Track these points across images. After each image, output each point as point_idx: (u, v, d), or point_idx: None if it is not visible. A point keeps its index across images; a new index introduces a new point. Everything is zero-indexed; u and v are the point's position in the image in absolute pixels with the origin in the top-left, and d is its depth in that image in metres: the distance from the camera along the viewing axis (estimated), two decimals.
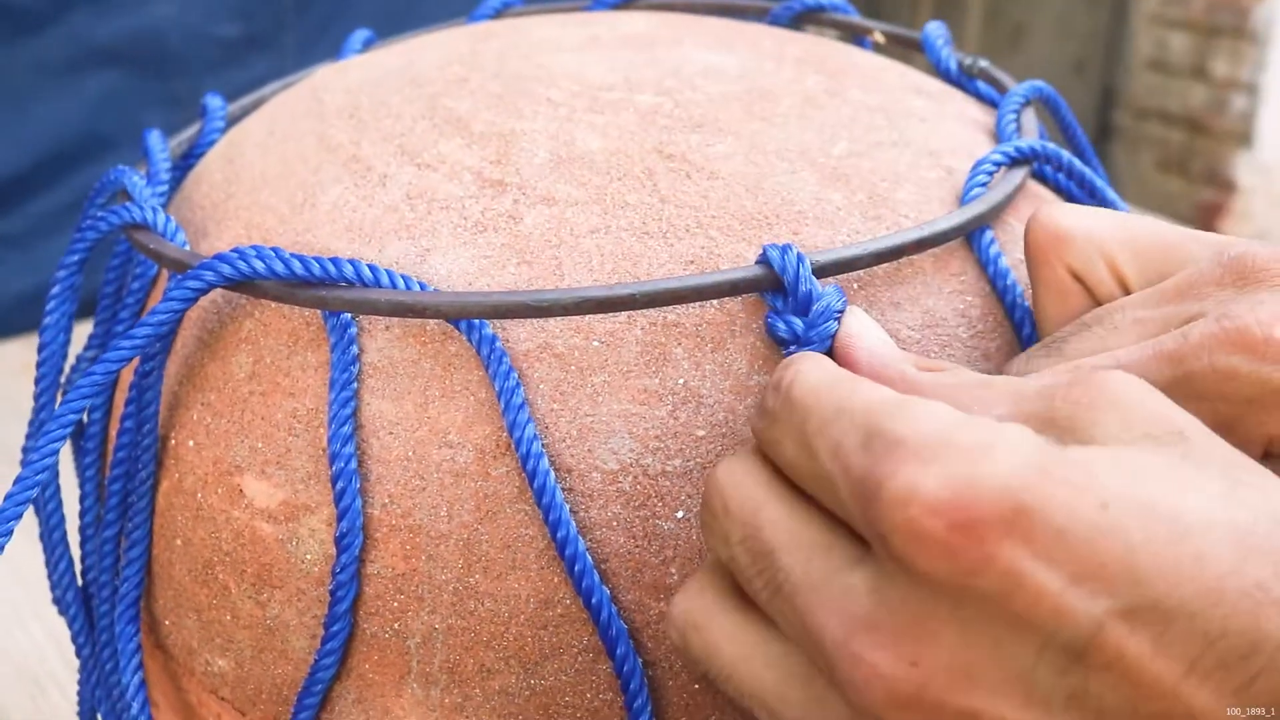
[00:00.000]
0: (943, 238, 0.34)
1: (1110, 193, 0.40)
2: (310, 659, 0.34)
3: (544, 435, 0.32)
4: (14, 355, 0.90)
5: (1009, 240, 0.37)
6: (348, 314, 0.34)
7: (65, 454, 0.41)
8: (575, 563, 0.32)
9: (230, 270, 0.33)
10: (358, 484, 0.33)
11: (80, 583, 0.41)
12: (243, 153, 0.42)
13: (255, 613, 0.35)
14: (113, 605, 0.38)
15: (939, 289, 0.35)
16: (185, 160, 0.45)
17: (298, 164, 0.39)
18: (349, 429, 0.33)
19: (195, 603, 0.36)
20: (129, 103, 1.03)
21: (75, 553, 0.41)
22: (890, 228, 0.35)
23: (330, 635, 0.33)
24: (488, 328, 0.32)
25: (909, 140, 0.38)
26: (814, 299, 0.32)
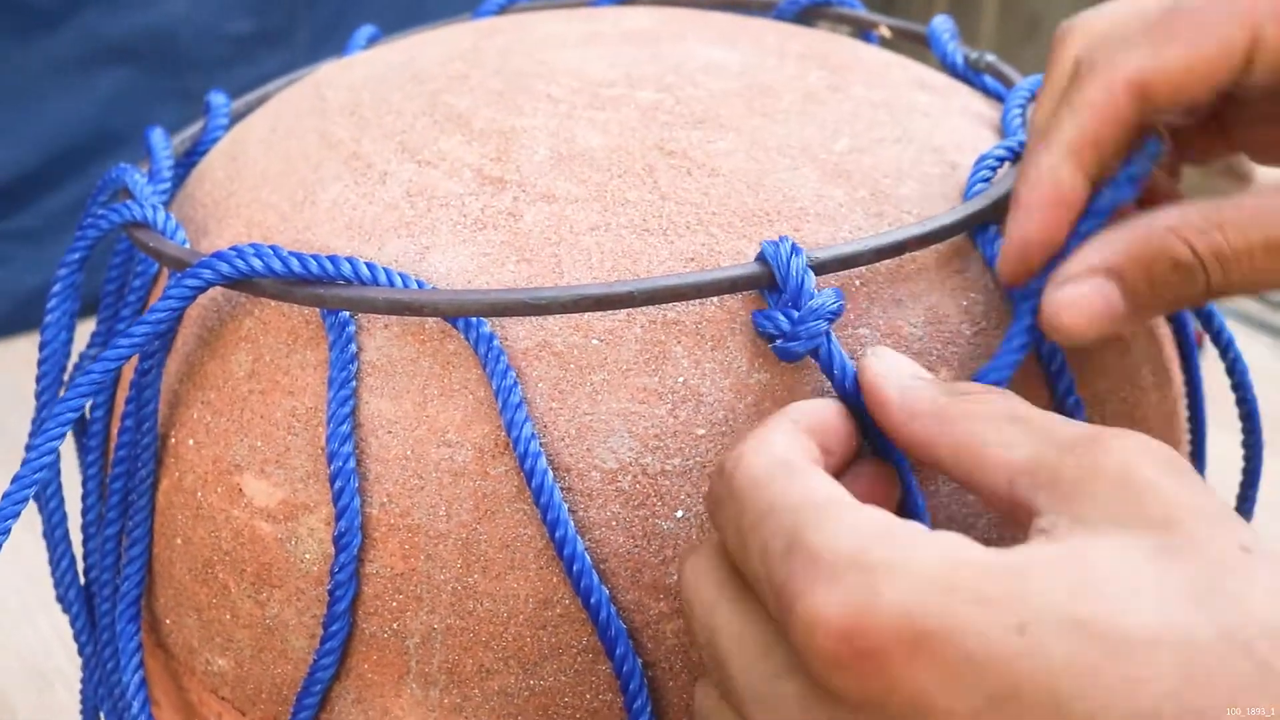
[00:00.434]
0: (945, 234, 0.34)
1: None
2: (309, 659, 0.34)
3: (542, 434, 0.32)
4: (27, 350, 0.90)
5: None
6: (346, 312, 0.34)
7: (70, 454, 0.41)
8: (574, 562, 0.31)
9: (228, 268, 0.33)
10: (356, 483, 0.33)
11: (82, 581, 0.41)
12: (245, 150, 0.41)
13: (255, 612, 0.35)
14: (114, 604, 0.38)
15: (942, 285, 0.34)
16: (189, 157, 0.45)
17: (299, 161, 0.39)
18: (347, 428, 0.33)
19: (195, 602, 0.36)
20: (141, 99, 1.03)
21: (78, 550, 0.41)
22: (893, 224, 0.35)
23: (329, 635, 0.33)
24: (485, 326, 0.32)
25: (912, 136, 0.38)
26: (806, 294, 0.31)
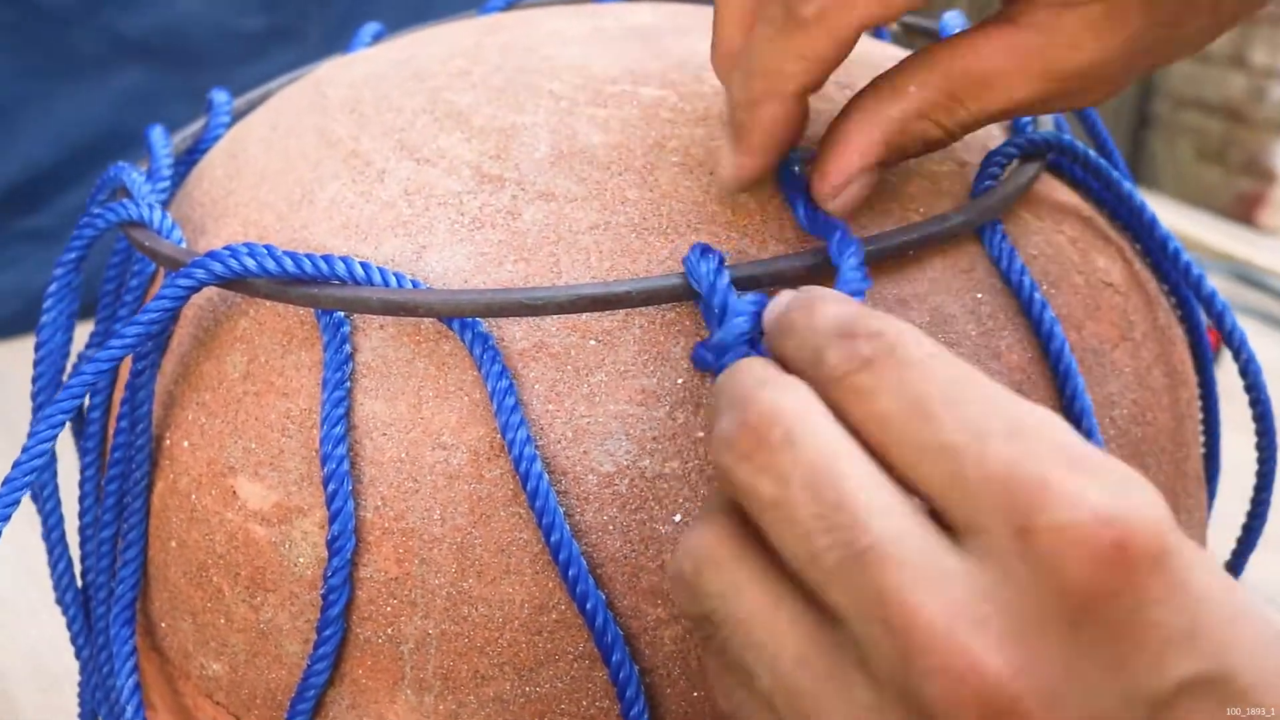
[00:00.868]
0: (951, 232, 0.33)
1: (1129, 185, 0.39)
2: (303, 663, 0.34)
3: (539, 436, 0.32)
4: None
5: (1022, 234, 0.36)
6: (341, 313, 0.33)
7: (69, 456, 0.40)
8: (570, 567, 0.31)
9: (222, 268, 0.33)
10: (350, 486, 0.32)
11: (80, 583, 0.40)
12: (245, 148, 0.41)
13: (249, 616, 0.34)
14: (109, 607, 0.38)
15: (947, 285, 0.34)
16: (190, 155, 0.45)
17: (298, 160, 0.38)
18: (341, 430, 0.32)
19: (190, 605, 0.36)
20: (156, 98, 1.03)
21: (76, 553, 0.40)
22: (898, 222, 0.34)
23: (323, 640, 0.33)
24: (481, 326, 0.32)
25: None
26: (729, 315, 0.28)
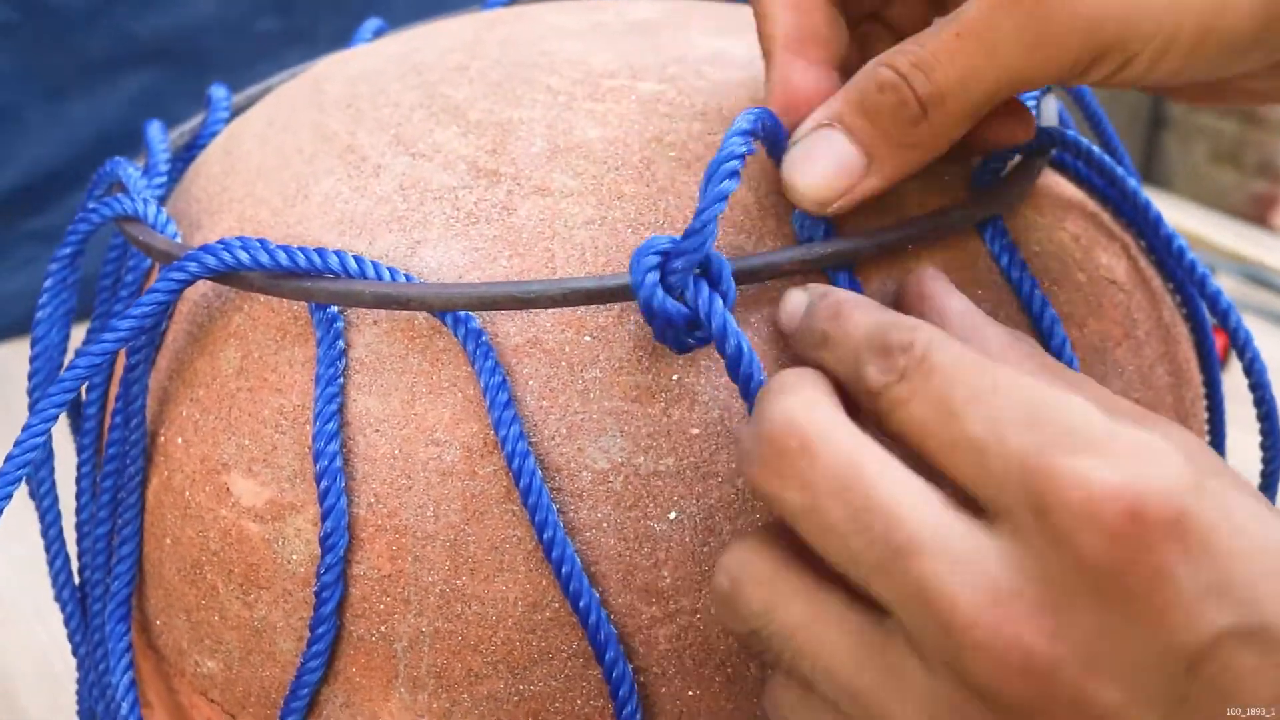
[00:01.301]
0: (950, 228, 0.33)
1: (1134, 182, 0.39)
2: (297, 661, 0.33)
3: (532, 433, 0.31)
4: None
5: (1024, 230, 0.35)
6: (334, 307, 0.33)
7: (68, 456, 0.40)
8: (563, 565, 0.30)
9: (215, 261, 0.33)
10: (343, 483, 0.32)
11: (77, 581, 0.40)
12: (241, 144, 0.41)
13: (243, 614, 0.34)
14: (105, 604, 0.37)
15: None
16: (188, 151, 0.44)
17: (294, 155, 0.38)
18: (334, 426, 0.32)
19: (185, 603, 0.35)
20: (167, 99, 1.02)
21: (74, 550, 0.40)
22: (898, 217, 0.34)
23: (316, 637, 0.32)
24: (475, 322, 0.31)
25: None
26: (670, 322, 0.28)
